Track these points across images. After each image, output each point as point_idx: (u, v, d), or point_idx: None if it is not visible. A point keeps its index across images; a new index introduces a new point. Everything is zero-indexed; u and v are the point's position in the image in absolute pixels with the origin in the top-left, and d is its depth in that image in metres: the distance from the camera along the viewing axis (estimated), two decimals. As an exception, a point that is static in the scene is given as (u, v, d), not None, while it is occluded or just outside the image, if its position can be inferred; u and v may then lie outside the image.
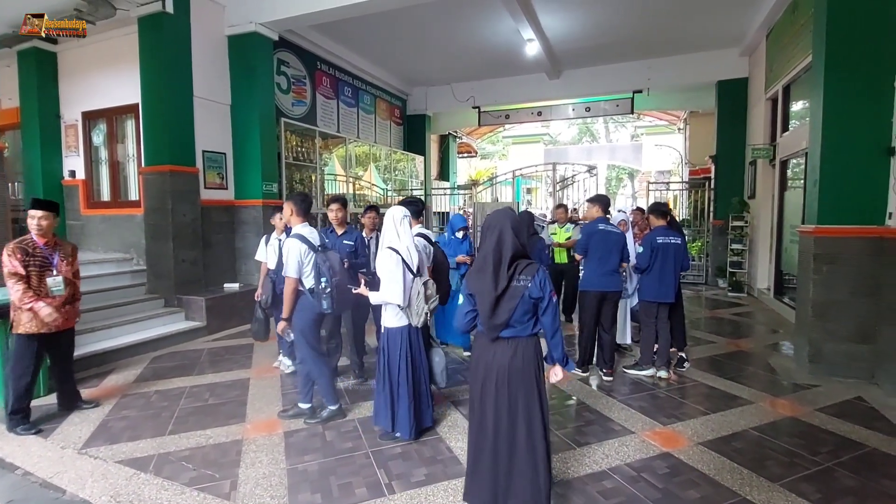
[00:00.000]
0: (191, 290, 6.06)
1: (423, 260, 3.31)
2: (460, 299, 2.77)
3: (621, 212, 5.36)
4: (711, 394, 3.98)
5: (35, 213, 3.33)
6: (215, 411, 3.69)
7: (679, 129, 17.19)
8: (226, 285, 6.54)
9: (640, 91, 10.42)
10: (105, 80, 6.75)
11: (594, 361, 4.42)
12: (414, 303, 3.04)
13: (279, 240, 4.29)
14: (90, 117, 7.03)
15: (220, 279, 6.59)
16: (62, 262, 3.46)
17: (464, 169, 20.62)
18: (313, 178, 8.57)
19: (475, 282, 2.26)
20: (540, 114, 12.14)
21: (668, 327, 4.36)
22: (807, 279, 4.51)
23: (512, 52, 9.19)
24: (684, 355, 4.59)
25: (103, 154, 7.06)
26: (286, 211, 3.52)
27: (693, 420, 3.47)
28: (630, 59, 9.90)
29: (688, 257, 4.48)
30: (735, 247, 8.57)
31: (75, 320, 3.66)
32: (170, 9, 5.77)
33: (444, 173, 14.79)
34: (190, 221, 6.11)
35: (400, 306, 3.03)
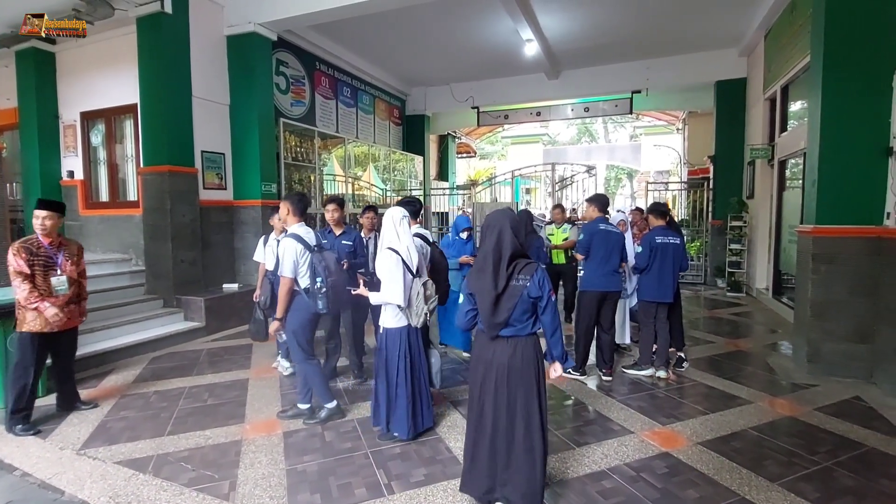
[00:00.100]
0: (190, 291, 6.05)
1: (421, 260, 3.31)
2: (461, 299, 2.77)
3: (620, 212, 5.36)
4: (710, 393, 3.99)
5: (40, 213, 3.35)
6: (214, 412, 3.69)
7: (678, 130, 17.19)
8: (225, 286, 6.53)
9: (639, 91, 10.42)
10: (103, 81, 6.74)
11: (594, 361, 4.42)
12: (414, 303, 3.05)
13: (278, 241, 4.28)
14: (89, 117, 7.01)
15: (219, 279, 6.58)
16: (67, 261, 3.47)
17: (463, 169, 20.60)
18: (312, 178, 8.55)
19: (475, 281, 2.28)
20: (539, 114, 12.13)
21: (666, 327, 4.37)
22: (805, 279, 4.51)
23: (511, 53, 9.19)
24: (683, 355, 4.60)
25: (102, 154, 7.05)
26: (282, 210, 3.51)
27: (692, 420, 3.47)
28: (629, 59, 9.90)
29: (686, 257, 4.49)
30: (734, 247, 8.58)
31: (81, 319, 3.67)
32: (168, 9, 5.77)
33: (443, 173, 14.79)
34: (189, 222, 6.10)
35: (400, 307, 3.04)
